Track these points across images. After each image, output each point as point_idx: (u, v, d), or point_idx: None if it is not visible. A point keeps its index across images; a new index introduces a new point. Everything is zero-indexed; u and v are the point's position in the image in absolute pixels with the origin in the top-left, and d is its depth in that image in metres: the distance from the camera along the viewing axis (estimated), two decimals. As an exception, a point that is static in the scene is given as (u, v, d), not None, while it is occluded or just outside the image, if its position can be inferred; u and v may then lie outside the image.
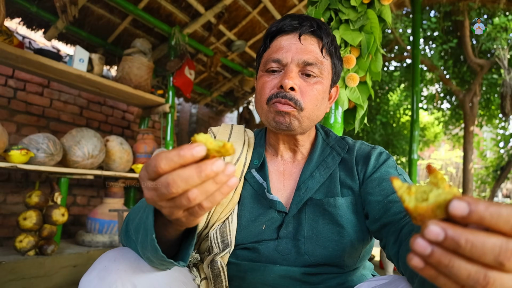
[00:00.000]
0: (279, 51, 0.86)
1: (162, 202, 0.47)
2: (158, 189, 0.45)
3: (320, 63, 0.85)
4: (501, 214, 0.31)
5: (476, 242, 0.31)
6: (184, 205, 0.45)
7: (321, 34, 0.88)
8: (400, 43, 5.68)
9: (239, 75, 4.66)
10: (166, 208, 0.48)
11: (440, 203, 0.35)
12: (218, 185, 0.46)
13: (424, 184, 0.39)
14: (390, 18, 1.56)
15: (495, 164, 6.77)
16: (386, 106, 6.66)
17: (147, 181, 0.47)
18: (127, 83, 2.93)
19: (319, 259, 0.81)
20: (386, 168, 0.86)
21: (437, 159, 11.88)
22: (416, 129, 3.66)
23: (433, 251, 0.33)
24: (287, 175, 0.92)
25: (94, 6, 3.08)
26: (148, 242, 0.58)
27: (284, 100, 0.81)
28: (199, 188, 0.45)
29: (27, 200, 2.27)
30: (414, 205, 0.37)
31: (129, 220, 0.72)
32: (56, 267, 2.35)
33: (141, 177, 0.48)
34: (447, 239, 0.32)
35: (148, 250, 0.60)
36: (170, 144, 3.30)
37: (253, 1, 3.52)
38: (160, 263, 0.63)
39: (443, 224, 0.33)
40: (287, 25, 0.88)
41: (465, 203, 0.32)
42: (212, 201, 0.47)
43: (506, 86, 4.97)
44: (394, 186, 0.40)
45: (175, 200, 0.46)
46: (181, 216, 0.49)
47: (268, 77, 0.86)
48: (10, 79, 3.03)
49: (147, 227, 0.58)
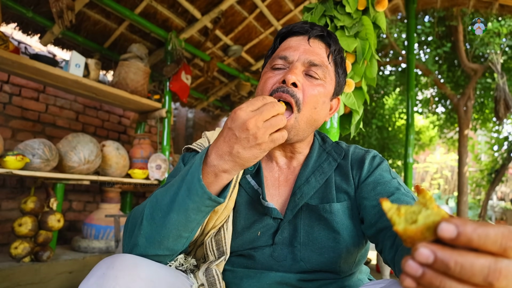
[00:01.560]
0: (286, 50, 0.86)
1: (262, 128, 0.64)
2: (263, 112, 0.63)
3: (325, 66, 0.85)
4: (489, 235, 0.32)
5: (465, 264, 0.32)
6: (278, 125, 0.65)
7: (330, 41, 0.89)
8: (395, 48, 5.73)
9: (236, 80, 4.67)
10: (262, 129, 0.63)
11: (429, 225, 0.36)
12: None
13: (413, 205, 0.40)
14: (384, 24, 1.58)
15: (489, 167, 6.81)
16: (382, 110, 6.69)
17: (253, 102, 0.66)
18: (124, 88, 2.93)
19: (314, 266, 0.81)
20: (380, 171, 0.87)
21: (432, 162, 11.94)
22: (412, 133, 3.68)
23: (424, 272, 0.34)
24: (282, 181, 0.92)
25: (91, 11, 3.09)
26: (192, 190, 0.67)
27: (285, 95, 0.79)
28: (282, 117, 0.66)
29: (23, 206, 2.26)
30: (403, 228, 0.38)
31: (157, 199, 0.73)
32: (51, 274, 2.33)
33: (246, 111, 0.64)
34: (437, 261, 0.33)
35: (189, 203, 0.68)
36: (166, 149, 3.29)
37: (249, 7, 3.54)
38: (198, 210, 0.69)
39: (432, 247, 0.34)
40: (298, 27, 0.90)
41: (453, 226, 0.33)
42: (285, 135, 0.68)
43: (499, 90, 5.02)
44: (384, 208, 0.41)
45: (272, 123, 0.64)
46: (265, 140, 0.64)
47: (272, 73, 0.86)
48: (6, 84, 3.02)
49: (192, 176, 0.68)
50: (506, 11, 3.87)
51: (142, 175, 2.98)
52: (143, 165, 3.07)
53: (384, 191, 0.81)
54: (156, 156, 3.06)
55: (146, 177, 3.04)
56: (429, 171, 11.96)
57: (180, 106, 5.29)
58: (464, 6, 4.16)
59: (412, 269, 0.35)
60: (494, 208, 8.69)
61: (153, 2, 3.13)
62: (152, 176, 3.02)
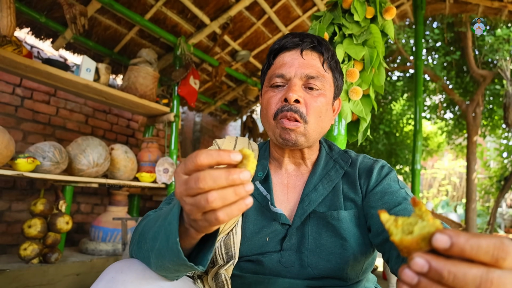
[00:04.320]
0: (282, 67, 0.88)
1: (187, 198, 0.50)
2: (188, 183, 0.49)
3: (322, 76, 0.88)
4: (481, 245, 0.33)
5: (458, 273, 0.33)
6: (202, 205, 0.48)
7: (322, 49, 0.91)
8: (403, 54, 5.71)
9: (243, 84, 4.69)
10: (188, 205, 0.51)
11: (424, 236, 0.38)
12: (236, 197, 0.48)
13: (410, 217, 0.42)
14: (392, 32, 1.59)
15: (498, 174, 6.74)
16: (389, 115, 6.66)
17: (181, 175, 0.51)
18: (133, 92, 2.97)
19: (322, 272, 0.82)
20: (388, 181, 0.88)
21: (440, 168, 11.83)
22: (419, 139, 3.66)
23: (419, 281, 0.36)
24: (291, 188, 0.93)
25: (102, 16, 3.13)
26: (169, 246, 0.58)
27: (290, 113, 0.83)
28: (219, 192, 0.47)
29: (32, 208, 2.29)
30: (400, 238, 0.40)
31: (144, 229, 0.70)
32: (59, 276, 2.36)
33: (176, 172, 0.52)
34: (431, 271, 0.35)
35: (166, 256, 0.61)
36: (174, 153, 3.32)
37: (257, 13, 3.56)
38: (177, 269, 0.63)
39: (427, 256, 0.36)
40: (288, 42, 0.91)
41: (447, 236, 0.35)
42: (228, 213, 0.49)
43: (508, 97, 4.98)
44: (382, 220, 0.43)
45: (195, 198, 0.49)
46: (198, 218, 0.51)
47: (273, 92, 0.89)
48: (18, 87, 3.08)
49: (170, 231, 0.58)
50: (515, 18, 3.85)
51: (150, 179, 3.00)
52: (151, 168, 3.10)
53: (392, 201, 0.82)
54: (163, 160, 3.08)
55: (154, 181, 3.06)
56: (437, 178, 11.84)
57: (187, 110, 5.33)
58: (473, 13, 4.15)
59: (408, 277, 0.36)
60: (503, 215, 8.57)
61: (163, 8, 3.17)
62: (160, 180, 3.04)
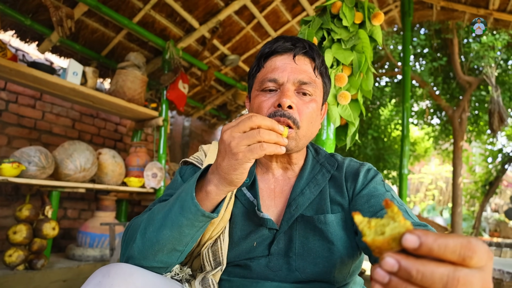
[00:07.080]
0: (274, 71, 0.87)
1: (240, 134, 0.65)
2: (243, 122, 0.65)
3: (313, 82, 0.88)
4: (448, 245, 0.34)
5: (426, 272, 0.35)
6: (253, 135, 0.63)
7: (314, 55, 0.91)
8: (391, 59, 5.79)
9: (232, 89, 4.70)
10: (237, 139, 0.64)
11: (395, 236, 0.39)
12: (276, 139, 0.65)
13: (383, 219, 0.43)
14: (380, 38, 1.60)
15: (484, 179, 6.86)
16: (378, 120, 6.74)
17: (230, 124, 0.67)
18: (121, 97, 2.94)
19: (309, 276, 0.82)
20: (374, 184, 0.89)
21: (427, 173, 11.98)
22: (407, 144, 3.71)
23: (390, 279, 0.37)
24: (278, 193, 0.93)
25: (89, 19, 3.11)
26: (185, 204, 0.70)
27: (283, 119, 0.82)
28: (268, 131, 0.64)
29: (18, 213, 2.25)
30: (372, 239, 0.41)
31: (153, 214, 0.77)
32: (45, 282, 2.31)
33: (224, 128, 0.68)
34: (401, 270, 0.36)
35: (181, 216, 0.70)
36: (163, 158, 3.30)
37: (247, 17, 3.58)
38: (192, 223, 0.71)
39: (397, 256, 0.37)
40: (280, 47, 0.90)
41: (416, 237, 0.36)
42: (267, 147, 0.64)
43: (493, 103, 5.08)
44: (356, 221, 0.44)
45: (248, 133, 0.64)
46: (241, 150, 0.64)
47: (264, 96, 0.87)
48: (2, 91, 3.03)
49: (186, 194, 0.71)
50: (500, 25, 3.93)
51: (138, 183, 2.97)
52: (139, 173, 3.07)
53: (378, 204, 0.82)
54: (152, 165, 3.06)
55: (142, 186, 3.03)
56: (424, 182, 12.00)
57: (176, 115, 5.30)
58: (459, 20, 4.22)
59: (380, 276, 0.37)
60: (488, 219, 8.71)
61: (152, 12, 3.16)
62: (148, 185, 3.02)
